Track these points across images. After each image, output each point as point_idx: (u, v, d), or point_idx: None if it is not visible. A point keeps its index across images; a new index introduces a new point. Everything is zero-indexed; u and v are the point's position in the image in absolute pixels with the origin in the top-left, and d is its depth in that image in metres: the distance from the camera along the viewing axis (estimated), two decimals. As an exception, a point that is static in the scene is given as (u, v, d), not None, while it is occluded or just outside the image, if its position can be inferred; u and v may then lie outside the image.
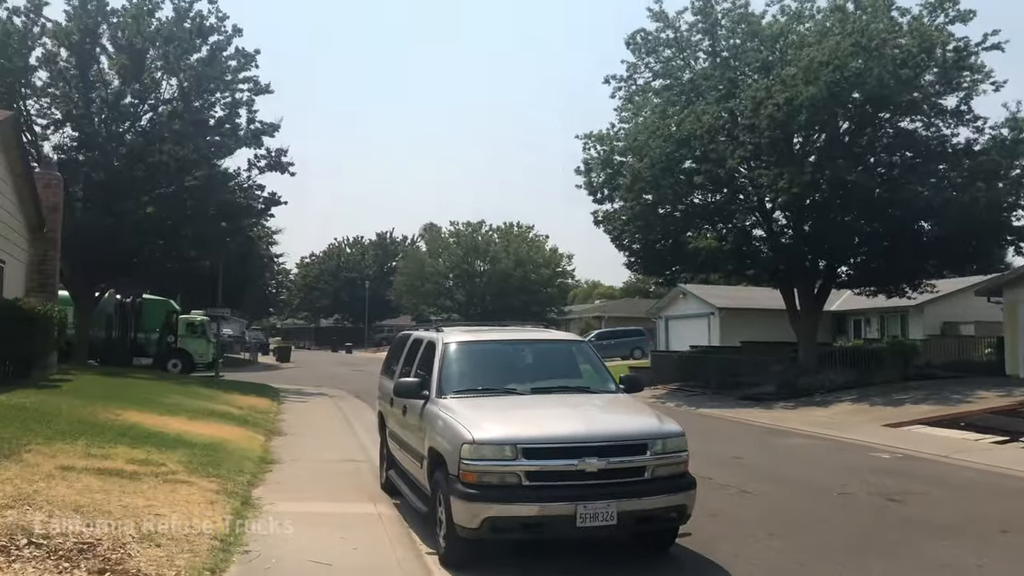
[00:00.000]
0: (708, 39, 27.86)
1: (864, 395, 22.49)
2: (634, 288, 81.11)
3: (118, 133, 29.17)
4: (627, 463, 6.67)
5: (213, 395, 19.89)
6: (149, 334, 34.74)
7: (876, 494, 10.34)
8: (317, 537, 7.29)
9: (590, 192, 29.82)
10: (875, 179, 24.55)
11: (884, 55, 22.94)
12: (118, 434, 10.68)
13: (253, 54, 30.14)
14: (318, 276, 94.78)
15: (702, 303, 41.73)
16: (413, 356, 9.19)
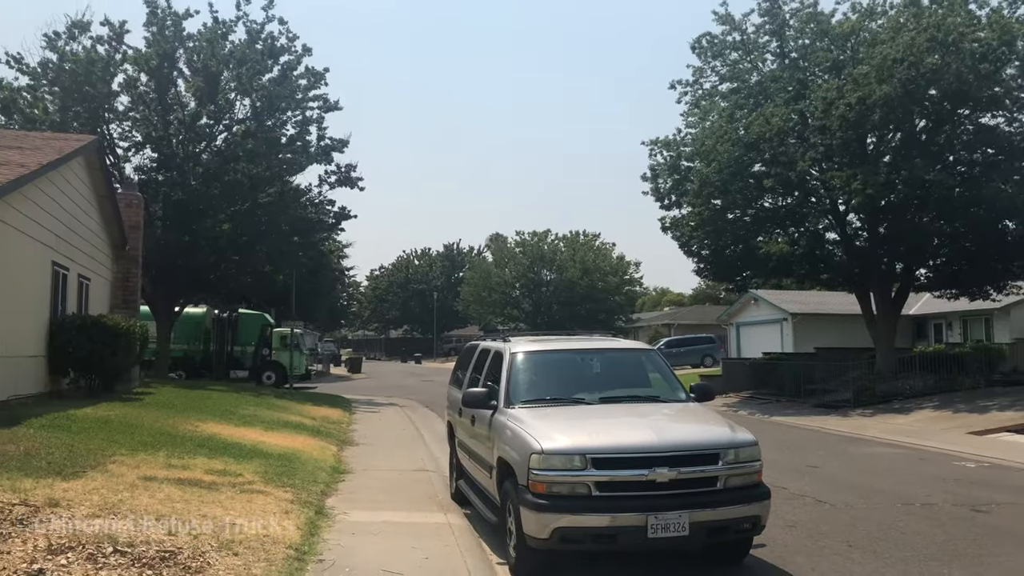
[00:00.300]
0: (776, 40, 27.42)
1: (947, 402, 21.69)
2: (704, 295, 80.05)
3: (195, 153, 30.17)
4: (699, 473, 6.56)
5: (287, 406, 20.34)
6: (245, 347, 35.96)
7: (961, 504, 9.94)
8: (389, 546, 7.37)
9: (657, 198, 29.64)
10: (954, 178, 23.73)
11: (962, 49, 22.16)
12: (197, 445, 11.02)
13: (322, 72, 30.89)
14: (387, 288, 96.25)
15: (774, 309, 40.90)
16: (481, 366, 9.23)
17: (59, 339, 15.43)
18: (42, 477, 7.52)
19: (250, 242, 30.57)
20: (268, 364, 35.84)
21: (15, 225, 13.43)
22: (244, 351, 35.92)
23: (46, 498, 6.74)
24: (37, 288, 14.90)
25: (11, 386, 13.33)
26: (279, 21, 30.09)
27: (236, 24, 29.86)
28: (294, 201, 31.83)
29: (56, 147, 16.18)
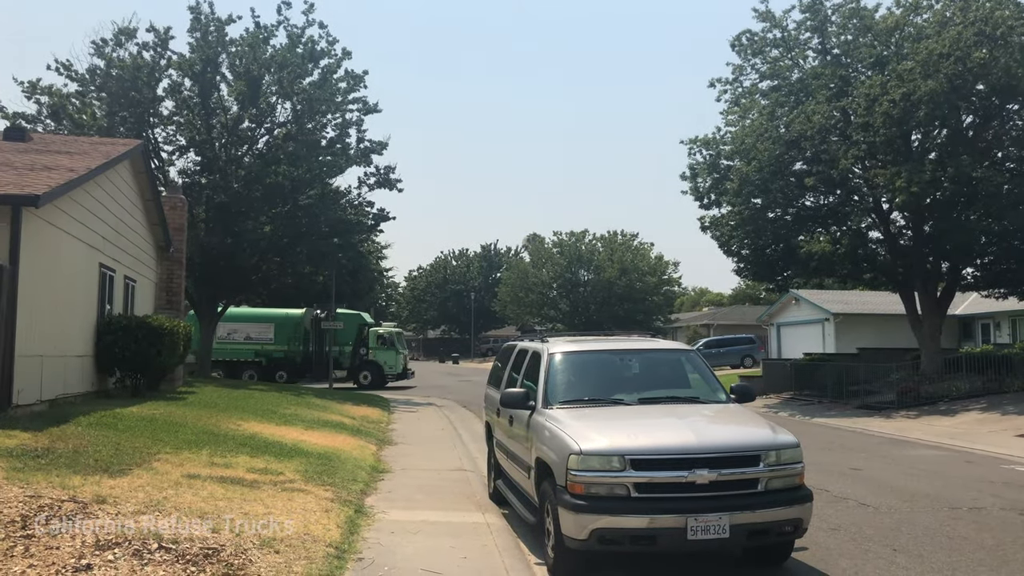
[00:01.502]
0: (817, 36, 27.05)
1: (995, 404, 21.19)
2: (743, 295, 79.22)
3: (237, 156, 30.62)
4: (739, 475, 6.49)
5: (327, 406, 20.55)
6: (343, 347, 36.41)
7: (1010, 509, 9.70)
8: (428, 546, 7.41)
9: (696, 197, 29.42)
10: (1003, 174, 23.20)
11: (1011, 43, 21.66)
12: (239, 444, 11.18)
13: (362, 75, 31.15)
14: (425, 288, 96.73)
15: (816, 309, 40.33)
16: (519, 367, 9.23)
17: (106, 339, 15.78)
18: (90, 474, 7.70)
19: (291, 243, 30.95)
20: (365, 364, 36.29)
21: (64, 228, 13.75)
22: (342, 351, 36.33)
23: (94, 495, 6.89)
24: (85, 289, 15.24)
25: (60, 385, 13.66)
26: (319, 25, 30.43)
27: (277, 28, 30.28)
28: (334, 203, 32.17)
29: (103, 151, 16.55)
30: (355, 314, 37.89)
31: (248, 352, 35.34)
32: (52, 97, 28.70)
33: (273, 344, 34.70)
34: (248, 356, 35.32)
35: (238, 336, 35.71)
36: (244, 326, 35.84)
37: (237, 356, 35.40)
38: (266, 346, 35.08)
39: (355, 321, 36.98)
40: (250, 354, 35.24)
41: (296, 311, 37.17)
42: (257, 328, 35.67)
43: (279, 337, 35.05)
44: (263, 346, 34.91)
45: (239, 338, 35.61)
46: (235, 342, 35.57)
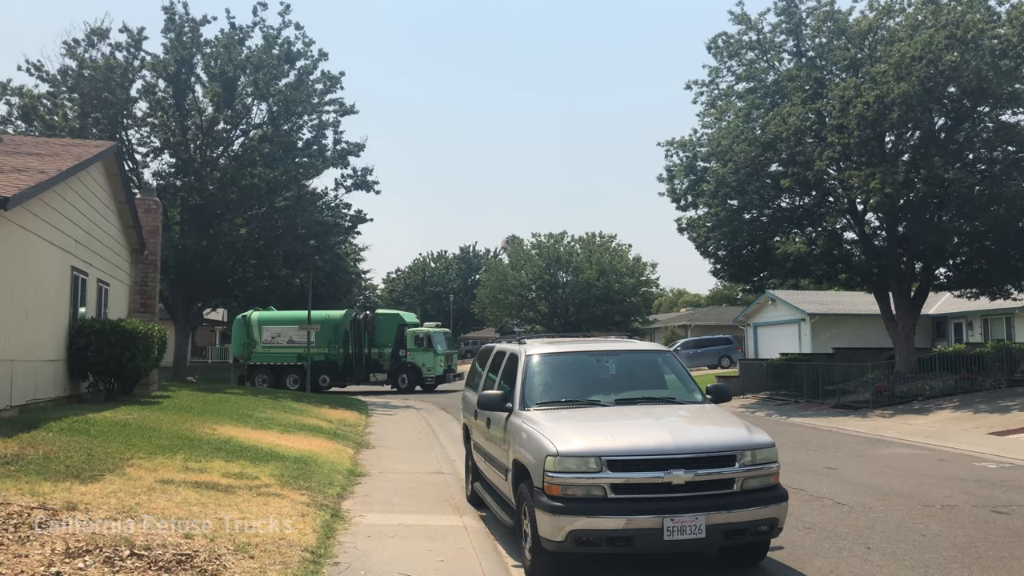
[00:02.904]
0: (792, 39, 27.29)
1: (967, 402, 21.46)
2: (721, 296, 79.71)
3: (212, 158, 30.41)
4: (715, 475, 6.51)
5: (304, 409, 20.42)
6: (383, 349, 35.40)
7: (982, 506, 9.82)
8: (404, 549, 7.37)
9: (673, 199, 29.55)
10: (975, 176, 23.51)
11: (981, 46, 21.96)
12: (214, 448, 11.07)
13: (338, 76, 31.06)
14: (404, 290, 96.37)
15: (792, 309, 40.68)
16: (496, 368, 9.21)
17: (78, 343, 15.58)
18: (60, 480, 7.58)
19: (267, 246, 30.80)
20: (404, 367, 35.28)
21: (34, 231, 13.56)
22: (382, 353, 35.40)
23: (64, 501, 6.79)
24: (56, 293, 15.04)
25: (30, 390, 13.46)
26: (295, 26, 30.32)
27: (253, 30, 30.15)
28: (310, 205, 32.06)
29: (75, 153, 16.34)
30: (394, 314, 36.70)
31: (291, 356, 34.48)
32: (23, 98, 28.36)
33: (314, 347, 33.72)
34: (291, 360, 34.47)
35: (281, 340, 34.84)
36: (286, 329, 34.97)
37: (280, 360, 34.59)
38: (306, 350, 34.06)
39: (394, 321, 35.68)
40: (292, 358, 34.38)
41: (336, 312, 36.34)
42: (295, 331, 34.72)
43: (320, 340, 34.10)
44: (304, 350, 33.94)
45: (282, 342, 34.76)
46: (278, 346, 34.73)
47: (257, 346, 35.19)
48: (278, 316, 36.36)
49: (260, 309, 36.98)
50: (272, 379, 34.44)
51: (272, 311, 37.03)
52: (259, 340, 35.27)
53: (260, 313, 36.61)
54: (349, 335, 34.79)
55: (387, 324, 35.19)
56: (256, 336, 35.34)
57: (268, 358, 34.63)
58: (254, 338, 35.32)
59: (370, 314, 35.31)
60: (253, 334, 35.36)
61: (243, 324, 35.71)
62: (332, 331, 34.91)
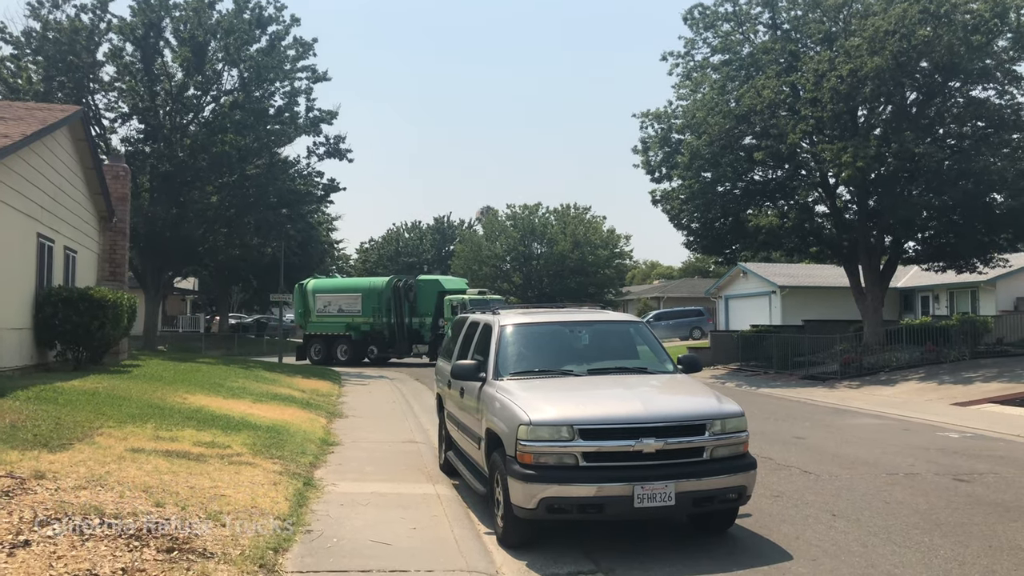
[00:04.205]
0: (768, 11, 27.28)
1: (932, 373, 21.88)
2: (693, 268, 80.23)
3: (182, 124, 29.91)
4: (685, 443, 6.60)
5: (276, 378, 20.34)
6: (424, 318, 33.08)
7: (943, 474, 10.06)
8: (377, 517, 7.40)
9: (648, 171, 29.60)
10: (944, 151, 23.75)
11: (954, 21, 22.08)
12: (185, 417, 11.01)
13: (311, 43, 30.62)
14: (377, 261, 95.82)
15: (763, 281, 41.07)
16: (470, 339, 9.23)
17: (45, 311, 15.36)
18: (28, 449, 7.51)
19: (238, 214, 30.47)
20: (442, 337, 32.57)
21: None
22: (423, 323, 33.02)
23: (32, 470, 6.73)
24: (22, 260, 14.78)
25: (-3, 358, 13.27)
26: (266, -10, 29.73)
27: (223, -7, 29.50)
28: (282, 173, 31.73)
29: (40, 117, 15.98)
30: (433, 280, 34.27)
31: (340, 326, 33.48)
32: (-15, 60, 27.65)
33: (361, 316, 32.74)
34: (340, 330, 33.44)
35: (332, 309, 33.80)
36: (336, 297, 34.00)
37: (331, 330, 33.59)
38: (355, 319, 33.17)
39: (434, 288, 32.96)
40: (342, 327, 33.36)
41: (380, 279, 35.14)
42: (347, 300, 33.73)
43: (365, 309, 32.99)
44: (353, 319, 32.99)
45: (333, 311, 33.73)
46: (330, 315, 33.71)
47: (312, 315, 34.25)
48: (330, 284, 35.34)
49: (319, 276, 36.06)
50: (324, 350, 33.38)
51: (325, 279, 36.14)
52: (313, 309, 34.26)
53: (316, 281, 35.49)
54: (392, 303, 33.08)
55: (428, 291, 32.80)
56: (311, 305, 34.31)
57: (320, 327, 33.64)
58: (309, 307, 34.31)
59: (411, 280, 33.53)
60: (308, 303, 34.33)
61: (300, 293, 34.76)
62: (376, 299, 33.30)
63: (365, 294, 33.45)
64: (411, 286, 32.98)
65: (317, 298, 34.26)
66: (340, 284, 35.64)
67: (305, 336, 34.60)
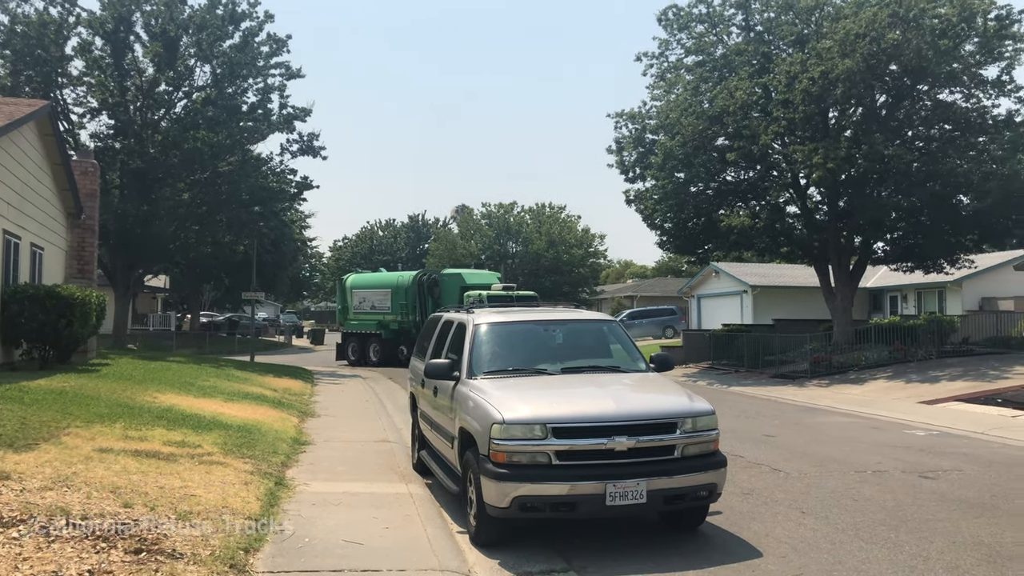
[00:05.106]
0: (741, 13, 27.49)
1: (900, 372, 22.19)
2: (666, 267, 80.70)
3: (153, 120, 29.56)
4: (657, 442, 6.65)
5: (248, 377, 20.18)
6: None
7: (910, 472, 10.21)
8: (349, 517, 7.37)
9: (622, 171, 29.73)
10: (913, 153, 24.10)
11: (922, 25, 22.41)
12: (155, 417, 10.89)
13: (285, 39, 30.39)
14: (351, 259, 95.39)
15: (734, 281, 41.42)
16: (444, 337, 9.22)
17: (11, 309, 15.12)
18: (-7, 449, 7.39)
19: (210, 211, 30.17)
20: None
21: (-37, 192, 13.05)
22: None
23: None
24: (-12, 257, 14.53)
25: (-38, 357, 13.04)
26: (240, -14, 29.45)
27: (195, -13, 29.20)
28: (255, 170, 31.45)
29: (6, 112, 15.72)
30: (455, 274, 32.20)
31: (372, 324, 32.20)
32: (-50, 53, 27.13)
33: (390, 314, 31.28)
34: (372, 328, 32.11)
35: (365, 306, 32.52)
36: (370, 294, 32.72)
37: (365, 328, 32.35)
38: (385, 316, 31.76)
39: (456, 283, 30.68)
40: (374, 326, 32.05)
41: (407, 274, 33.27)
42: (378, 296, 32.33)
43: (394, 306, 31.49)
44: (383, 316, 31.63)
45: (367, 308, 32.45)
46: (364, 312, 32.43)
47: (349, 312, 33.13)
48: (365, 279, 33.93)
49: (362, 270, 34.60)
50: (359, 349, 32.16)
51: (363, 273, 34.57)
52: (351, 306, 33.08)
53: (354, 276, 34.30)
54: (416, 300, 31.19)
55: (451, 286, 30.55)
56: (349, 301, 33.17)
57: (356, 325, 32.51)
58: (348, 304, 33.16)
59: (435, 275, 31.99)
60: (347, 299, 33.19)
61: (340, 289, 33.77)
62: (403, 295, 31.68)
63: (394, 290, 31.96)
64: (435, 281, 31.42)
65: (354, 294, 33.03)
66: (373, 280, 34.00)
67: (343, 335, 33.48)
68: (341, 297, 33.83)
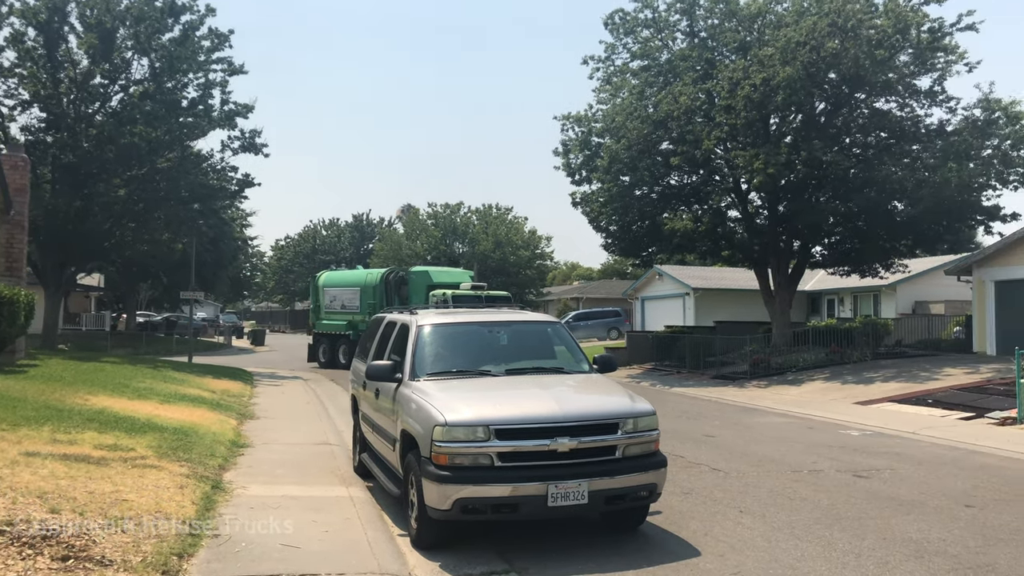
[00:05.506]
0: (686, 19, 27.84)
1: (836, 374, 22.73)
2: (612, 269, 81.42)
3: (87, 114, 28.72)
4: (599, 442, 6.69)
5: (185, 379, 19.72)
6: None
7: (844, 471, 10.46)
8: (288, 520, 7.23)
9: (568, 173, 29.89)
10: (850, 159, 24.71)
11: (860, 36, 23.01)
12: (86, 419, 10.56)
13: (227, 34, 29.80)
14: (293, 259, 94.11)
15: (677, 284, 41.99)
16: (387, 339, 9.14)
17: (-66, 308, 14.51)
18: (-89, 454, 7.08)
19: (147, 209, 29.43)
20: None
21: None
22: None
23: (-85, 476, 6.34)
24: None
25: None
26: (179, -22, 28.77)
27: (133, -21, 28.43)
28: (195, 167, 30.78)
29: (-70, 102, 15.09)
30: (423, 271, 30.43)
31: (342, 324, 30.69)
32: None
33: (359, 314, 29.56)
34: (341, 329, 30.60)
35: (336, 305, 31.11)
36: (340, 293, 31.31)
37: (334, 329, 30.91)
38: (354, 316, 30.12)
39: (423, 281, 28.85)
40: (343, 326, 30.56)
41: (376, 271, 31.77)
42: (347, 295, 30.85)
43: (363, 305, 29.73)
44: (352, 316, 30.13)
45: (337, 307, 31.04)
46: (334, 312, 31.00)
47: (321, 312, 31.84)
48: (336, 278, 32.58)
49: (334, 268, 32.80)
50: (329, 351, 30.89)
51: (335, 271, 32.71)
52: (322, 305, 31.78)
53: (327, 274, 32.91)
54: (384, 299, 29.26)
55: (419, 284, 28.77)
56: (321, 300, 31.88)
57: (327, 326, 31.14)
58: (320, 303, 31.88)
59: (402, 272, 30.54)
60: (319, 299, 31.92)
61: (312, 288, 32.60)
62: (371, 294, 29.87)
63: (362, 289, 30.54)
64: (403, 279, 29.96)
65: (325, 293, 31.88)
66: (343, 278, 32.79)
67: (314, 336, 32.28)
68: (314, 296, 32.84)
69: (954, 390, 18.50)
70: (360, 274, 31.95)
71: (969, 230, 30.53)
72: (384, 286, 29.54)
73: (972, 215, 25.36)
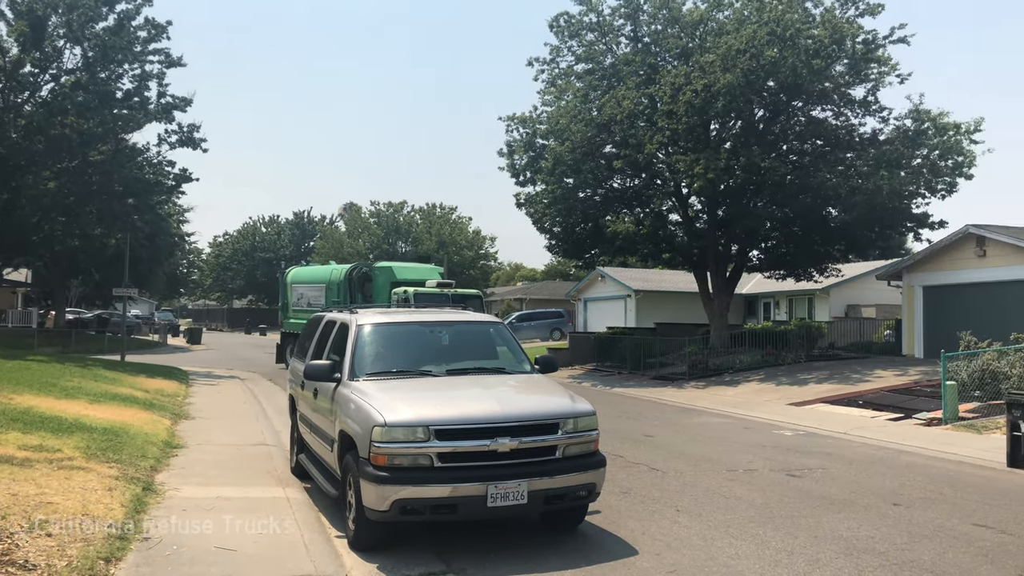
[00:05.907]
0: (630, 24, 28.12)
1: (771, 375, 23.23)
2: (555, 271, 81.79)
3: (16, 103, 27.74)
4: (539, 442, 6.70)
5: (117, 378, 19.19)
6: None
7: (778, 470, 10.70)
8: (222, 522, 7.09)
9: (513, 174, 29.95)
10: (787, 166, 25.26)
11: (798, 45, 23.56)
12: (10, 419, 10.20)
13: (165, 25, 29.08)
14: (231, 256, 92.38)
15: (619, 285, 42.41)
16: (326, 338, 9.03)
17: None
18: None
19: (79, 202, 28.54)
20: None
21: None
22: None
23: None
24: None
25: None
26: (115, -34, 27.98)
27: (66, -35, 27.52)
28: (130, 160, 29.94)
29: None
30: (386, 267, 28.47)
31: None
32: None
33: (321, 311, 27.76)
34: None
35: (303, 303, 29.48)
36: (306, 289, 29.81)
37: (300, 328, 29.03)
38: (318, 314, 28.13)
39: (387, 278, 27.03)
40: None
41: (342, 267, 30.01)
42: (313, 291, 29.34)
43: (328, 302, 27.72)
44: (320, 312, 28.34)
45: (303, 305, 29.33)
46: (301, 310, 29.14)
47: (288, 310, 30.40)
48: (303, 274, 31.36)
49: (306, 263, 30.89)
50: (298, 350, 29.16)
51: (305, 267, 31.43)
52: (290, 303, 30.35)
53: (296, 270, 31.62)
54: (348, 296, 27.57)
55: (383, 280, 27.01)
56: (289, 298, 30.48)
57: (293, 325, 29.26)
58: (287, 300, 30.55)
59: (366, 268, 28.90)
60: (288, 296, 30.56)
61: (281, 284, 31.34)
62: (336, 291, 28.19)
63: (327, 285, 29.09)
64: (367, 275, 28.32)
65: (293, 289, 30.61)
66: (310, 274, 31.66)
67: (282, 335, 30.90)
68: (282, 293, 31.78)
69: (884, 392, 19.07)
70: (326, 270, 31.17)
71: (900, 237, 31.43)
72: (348, 283, 28.37)
73: (902, 222, 26.15)
